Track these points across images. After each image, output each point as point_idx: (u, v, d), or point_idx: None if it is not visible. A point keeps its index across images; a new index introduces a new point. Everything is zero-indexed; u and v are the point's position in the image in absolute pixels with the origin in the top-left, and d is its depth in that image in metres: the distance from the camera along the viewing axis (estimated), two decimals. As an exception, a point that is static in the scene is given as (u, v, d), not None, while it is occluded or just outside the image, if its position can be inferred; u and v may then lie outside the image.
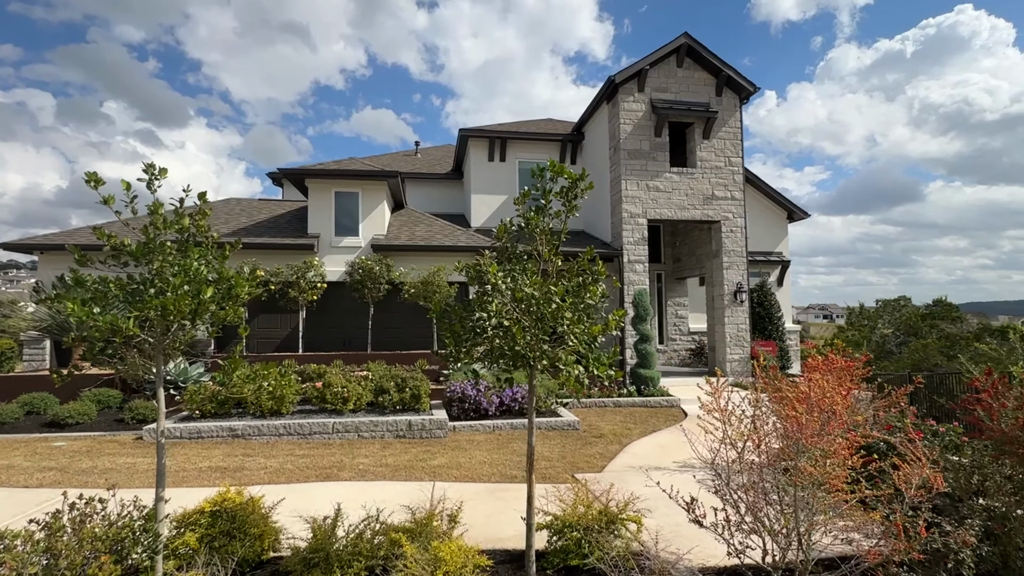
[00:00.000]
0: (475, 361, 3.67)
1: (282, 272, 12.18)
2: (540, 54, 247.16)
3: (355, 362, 11.81)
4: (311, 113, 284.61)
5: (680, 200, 14.26)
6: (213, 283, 3.59)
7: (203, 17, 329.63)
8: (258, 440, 8.02)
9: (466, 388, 9.34)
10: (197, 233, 3.75)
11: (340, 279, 13.00)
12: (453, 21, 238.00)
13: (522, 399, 9.48)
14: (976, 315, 26.43)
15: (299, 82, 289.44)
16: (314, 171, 13.36)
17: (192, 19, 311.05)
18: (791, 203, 17.34)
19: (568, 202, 3.65)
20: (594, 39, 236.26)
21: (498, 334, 3.44)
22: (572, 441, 8.45)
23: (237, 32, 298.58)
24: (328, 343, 13.11)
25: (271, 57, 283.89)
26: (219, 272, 3.63)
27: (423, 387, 9.25)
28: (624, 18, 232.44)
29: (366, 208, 13.60)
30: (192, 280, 3.40)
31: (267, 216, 15.00)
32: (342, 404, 9.02)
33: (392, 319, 13.36)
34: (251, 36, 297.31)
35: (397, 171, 13.34)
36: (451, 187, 19.64)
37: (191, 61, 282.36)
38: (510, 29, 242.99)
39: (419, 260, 13.25)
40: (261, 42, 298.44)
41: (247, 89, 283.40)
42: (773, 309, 14.79)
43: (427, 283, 12.26)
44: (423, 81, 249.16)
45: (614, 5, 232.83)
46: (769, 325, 14.51)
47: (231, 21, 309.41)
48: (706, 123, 14.49)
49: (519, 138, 17.10)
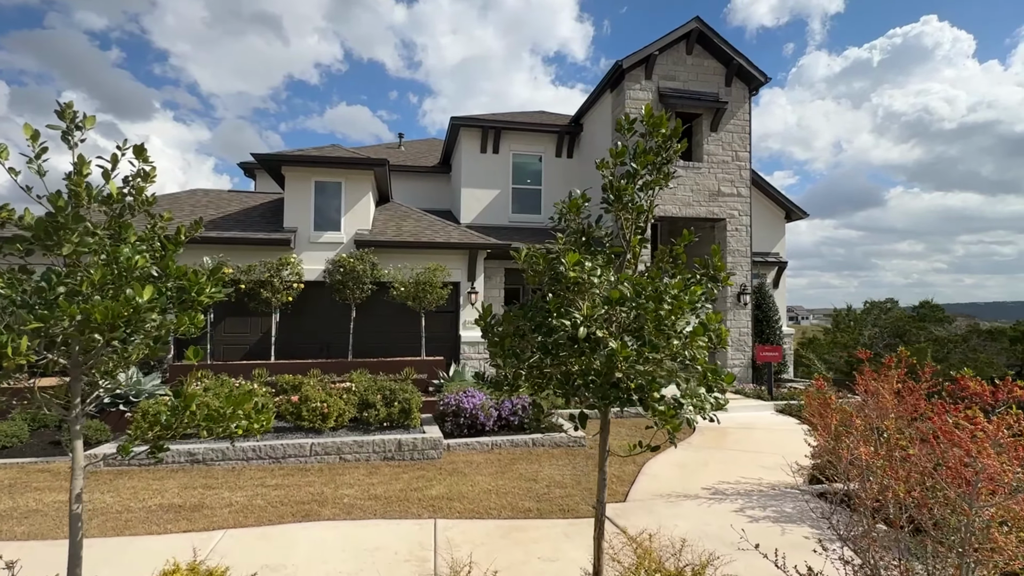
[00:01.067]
0: (540, 388, 2.72)
1: (254, 270, 11.01)
2: (519, 53, 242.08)
3: (335, 370, 10.71)
4: (284, 108, 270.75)
5: (685, 196, 13.50)
6: (157, 281, 2.57)
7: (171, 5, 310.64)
8: (222, 466, 6.91)
9: (462, 401, 8.36)
10: (136, 206, 2.70)
11: (319, 278, 11.87)
12: (431, 17, 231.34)
13: (523, 411, 8.54)
14: (964, 317, 26.48)
15: (271, 76, 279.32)
16: (292, 158, 12.20)
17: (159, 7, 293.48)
18: (790, 202, 16.76)
19: (658, 168, 2.73)
20: (573, 39, 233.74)
21: (583, 350, 2.50)
22: (581, 461, 7.55)
23: (206, 22, 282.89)
24: (304, 349, 11.97)
25: (242, 49, 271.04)
26: (166, 267, 2.59)
27: (414, 400, 8.24)
28: (604, 19, 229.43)
29: (349, 200, 12.49)
30: (122, 275, 2.36)
31: (238, 208, 13.76)
32: (321, 421, 7.95)
33: (376, 323, 12.28)
34: (221, 27, 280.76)
35: (385, 159, 12.27)
36: (438, 181, 18.60)
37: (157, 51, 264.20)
38: (489, 27, 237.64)
39: (407, 258, 12.20)
40: (232, 33, 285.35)
41: (216, 82, 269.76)
42: (771, 312, 14.16)
43: (419, 284, 11.23)
44: (400, 78, 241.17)
45: (594, 6, 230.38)
46: (767, 328, 13.86)
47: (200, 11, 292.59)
48: (715, 115, 13.75)
49: (514, 129, 16.14)
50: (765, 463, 7.39)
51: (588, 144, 15.87)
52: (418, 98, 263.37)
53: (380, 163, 12.26)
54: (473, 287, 12.52)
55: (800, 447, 7.90)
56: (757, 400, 11.45)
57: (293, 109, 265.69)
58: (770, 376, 11.83)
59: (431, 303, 11.31)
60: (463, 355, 12.04)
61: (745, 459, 7.61)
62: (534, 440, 8.21)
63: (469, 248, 12.40)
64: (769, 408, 11.00)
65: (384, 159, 12.26)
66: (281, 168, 12.31)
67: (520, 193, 16.35)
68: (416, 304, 11.32)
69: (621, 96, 13.61)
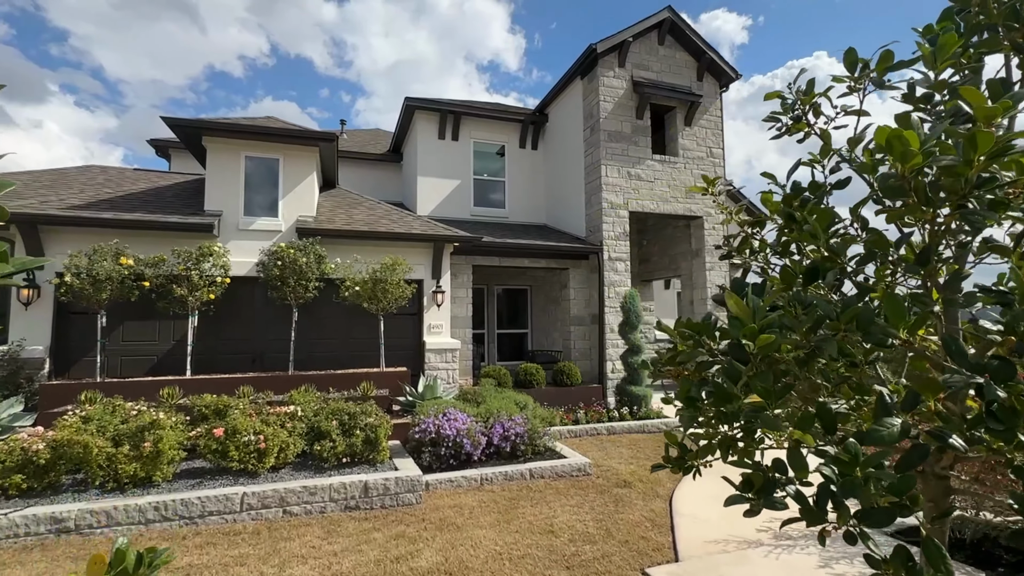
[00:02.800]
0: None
1: (164, 261, 8.77)
2: (454, 60, 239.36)
3: (272, 387, 8.71)
4: (204, 99, 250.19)
5: (662, 191, 12.54)
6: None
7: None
8: (105, 535, 4.88)
9: (442, 426, 6.72)
10: None
11: (251, 273, 9.75)
12: (363, 18, 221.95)
13: (516, 436, 7.03)
14: None
15: (190, 65, 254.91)
16: (217, 125, 9.98)
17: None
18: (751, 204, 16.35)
19: None
20: (507, 50, 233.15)
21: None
22: (596, 497, 6.16)
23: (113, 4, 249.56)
24: (232, 361, 9.79)
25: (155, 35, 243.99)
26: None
27: (382, 427, 6.51)
28: (535, 33, 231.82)
29: (289, 181, 10.43)
30: None
31: (146, 188, 11.28)
32: (256, 461, 6.06)
33: (324, 327, 10.31)
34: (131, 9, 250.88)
35: (334, 132, 10.33)
36: (388, 171, 16.70)
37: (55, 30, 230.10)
38: (422, 32, 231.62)
39: (361, 251, 10.33)
40: (144, 17, 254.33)
41: (126, 68, 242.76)
42: (752, 316, 13.49)
43: (375, 281, 9.42)
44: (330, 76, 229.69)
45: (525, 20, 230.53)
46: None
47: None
48: (689, 108, 12.93)
49: (475, 115, 14.60)
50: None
51: (555, 135, 14.63)
52: (351, 97, 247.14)
53: (327, 137, 10.32)
54: (439, 285, 10.86)
55: None
56: (751, 411, 10.56)
57: (214, 101, 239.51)
58: (763, 385, 11.00)
59: (390, 304, 9.54)
60: (428, 364, 10.34)
61: (783, 488, 6.49)
62: (531, 471, 6.73)
63: (434, 240, 10.72)
64: (767, 420, 10.11)
65: (333, 132, 10.32)
66: (202, 138, 10.07)
67: (483, 185, 14.83)
68: (373, 305, 9.51)
69: (594, 83, 12.47)
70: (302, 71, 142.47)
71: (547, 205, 14.96)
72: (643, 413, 9.73)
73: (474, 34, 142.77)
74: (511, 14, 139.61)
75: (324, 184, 12.80)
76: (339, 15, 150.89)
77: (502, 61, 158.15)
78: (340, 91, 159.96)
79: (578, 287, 12.53)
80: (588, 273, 12.58)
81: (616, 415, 9.63)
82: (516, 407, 7.57)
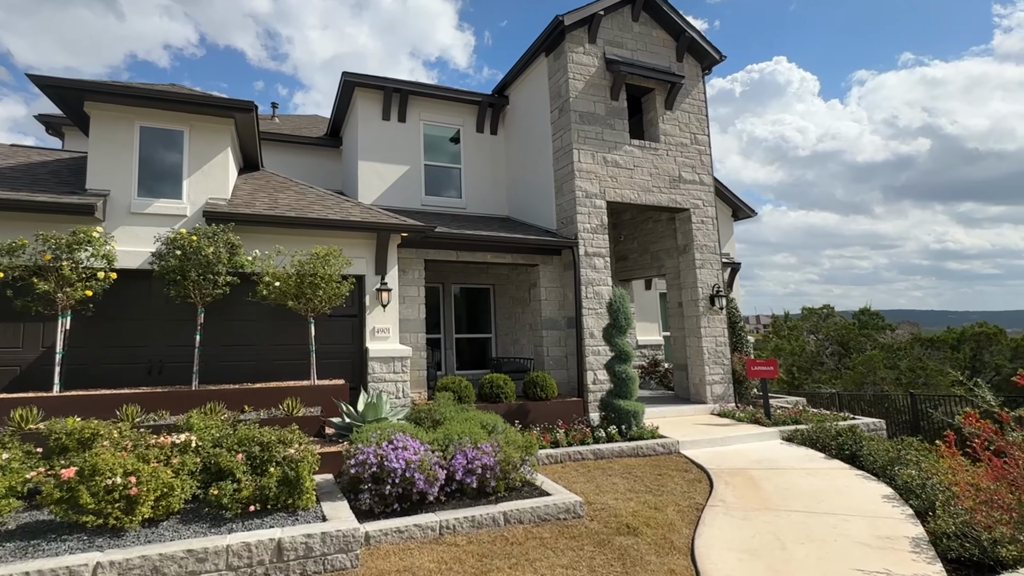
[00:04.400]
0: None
1: (25, 248, 6.72)
2: (397, 55, 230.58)
3: (168, 406, 6.80)
4: None
5: (643, 180, 11.33)
6: None
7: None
8: None
9: (387, 456, 5.06)
10: None
11: (145, 265, 7.77)
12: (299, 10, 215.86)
13: (484, 469, 5.45)
14: (909, 324, 27.85)
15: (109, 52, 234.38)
16: (103, 87, 7.96)
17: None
18: (737, 198, 15.53)
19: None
20: (455, 47, 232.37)
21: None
22: (594, 552, 4.67)
23: None
24: (122, 373, 7.76)
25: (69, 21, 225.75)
26: None
27: (305, 461, 4.80)
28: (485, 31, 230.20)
29: (197, 157, 8.51)
30: None
31: (17, 163, 9.08)
32: (124, 512, 4.24)
33: (241, 331, 8.41)
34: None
35: (252, 102, 8.50)
36: (325, 156, 14.84)
37: None
38: (364, 26, 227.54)
39: (286, 241, 8.52)
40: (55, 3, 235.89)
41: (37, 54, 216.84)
42: (735, 317, 12.48)
43: (303, 276, 7.65)
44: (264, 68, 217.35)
45: (474, 17, 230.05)
46: (733, 337, 12.11)
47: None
48: (669, 90, 11.83)
49: (425, 94, 13.01)
50: (857, 534, 5.05)
51: (518, 119, 13.24)
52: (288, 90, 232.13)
53: (243, 106, 8.48)
54: (384, 282, 9.16)
55: (868, 497, 6.11)
56: (755, 425, 9.36)
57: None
58: (765, 396, 9.82)
59: (323, 304, 7.79)
60: (372, 376, 8.60)
61: (823, 529, 5.21)
62: (506, 514, 5.16)
63: (378, 230, 9.03)
64: (774, 436, 8.92)
65: (250, 101, 8.47)
66: (84, 103, 8.04)
67: (435, 172, 13.23)
68: (301, 305, 7.73)
69: (562, 59, 11.19)
70: (233, 62, 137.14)
71: (510, 195, 13.51)
72: (635, 433, 8.32)
73: (420, 30, 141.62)
74: (459, 11, 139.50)
75: (245, 167, 10.89)
76: (273, 6, 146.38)
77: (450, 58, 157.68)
78: (276, 84, 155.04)
79: (550, 286, 11.09)
80: (561, 271, 11.18)
81: (603, 435, 8.18)
82: (483, 431, 5.99)
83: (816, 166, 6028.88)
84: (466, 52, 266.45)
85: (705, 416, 10.44)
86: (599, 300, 10.46)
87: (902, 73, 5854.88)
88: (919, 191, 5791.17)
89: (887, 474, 6.72)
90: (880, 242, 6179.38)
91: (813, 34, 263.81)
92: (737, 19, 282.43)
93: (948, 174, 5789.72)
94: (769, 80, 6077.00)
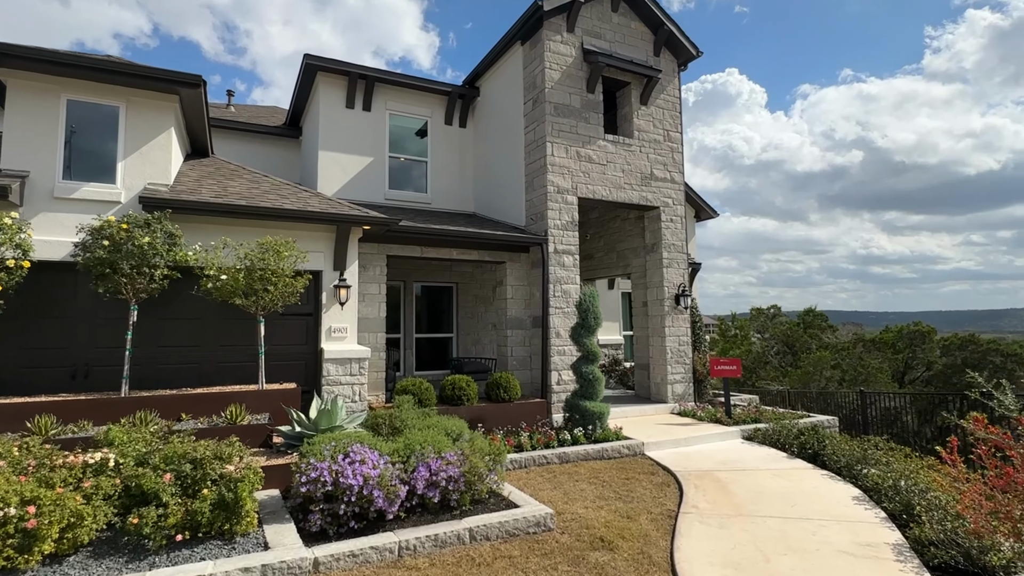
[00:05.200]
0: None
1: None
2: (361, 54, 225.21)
3: (93, 415, 6.07)
4: None
5: (615, 177, 11.07)
6: None
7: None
8: None
9: (343, 472, 4.56)
10: None
11: (69, 256, 6.95)
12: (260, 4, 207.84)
13: (448, 481, 5.02)
14: (853, 325, 28.69)
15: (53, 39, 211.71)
16: (20, 52, 7.05)
17: None
18: (701, 199, 15.52)
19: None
20: (419, 47, 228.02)
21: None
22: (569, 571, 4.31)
23: None
24: (40, 377, 6.92)
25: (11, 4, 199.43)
26: None
27: (246, 480, 4.25)
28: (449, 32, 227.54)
29: (135, 137, 7.71)
30: None
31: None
32: (18, 551, 3.61)
33: (183, 330, 7.68)
34: None
35: (199, 76, 7.74)
36: (284, 147, 14.04)
37: None
38: (327, 23, 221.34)
39: (235, 232, 7.82)
40: None
41: None
42: (696, 318, 12.38)
43: (252, 270, 7.00)
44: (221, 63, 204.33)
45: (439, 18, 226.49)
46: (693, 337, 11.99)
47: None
48: (645, 85, 11.60)
49: (392, 82, 12.41)
50: (838, 541, 4.87)
51: (488, 111, 12.79)
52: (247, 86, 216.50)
53: (189, 80, 7.72)
54: (343, 279, 8.57)
55: (838, 499, 6.00)
56: (716, 425, 9.25)
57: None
58: (727, 395, 9.74)
59: (275, 301, 7.16)
60: (327, 378, 8.02)
61: (802, 537, 5.01)
62: (472, 531, 4.74)
63: (337, 222, 8.43)
64: (735, 435, 8.84)
65: (198, 76, 7.73)
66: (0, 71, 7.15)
67: (400, 165, 12.66)
68: (250, 302, 7.08)
69: (539, 48, 10.80)
70: (188, 55, 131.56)
71: (477, 191, 13.05)
72: (600, 435, 8.03)
73: (384, 28, 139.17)
74: (424, 11, 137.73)
75: (194, 152, 10.07)
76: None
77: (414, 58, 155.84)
78: (234, 78, 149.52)
79: (516, 284, 10.70)
80: (529, 268, 10.80)
81: (567, 437, 7.86)
82: (447, 438, 5.55)
83: (759, 174, 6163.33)
84: (430, 53, 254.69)
85: (666, 416, 10.31)
86: (567, 299, 10.15)
87: (842, 88, 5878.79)
88: (850, 200, 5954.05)
89: (852, 474, 6.68)
90: (813, 247, 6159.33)
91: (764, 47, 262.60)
92: (694, 30, 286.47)
93: (876, 185, 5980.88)
94: (721, 91, 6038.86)
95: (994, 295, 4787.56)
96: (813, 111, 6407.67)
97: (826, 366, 16.33)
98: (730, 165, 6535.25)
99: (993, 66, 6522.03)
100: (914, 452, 7.53)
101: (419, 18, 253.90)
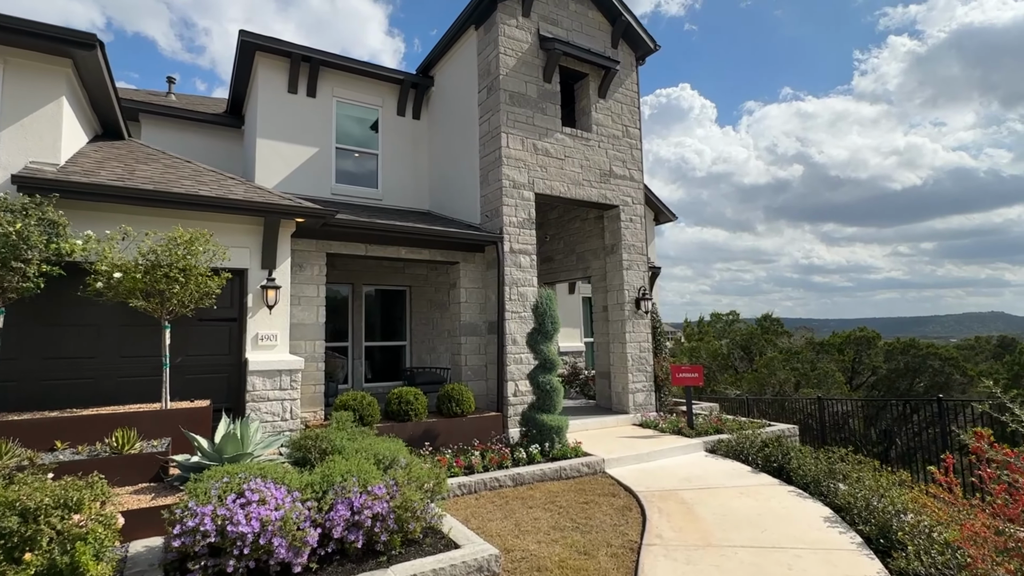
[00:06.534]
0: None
1: None
2: None
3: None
4: None
5: (574, 172, 10.45)
6: None
7: None
8: None
9: (234, 516, 3.67)
10: None
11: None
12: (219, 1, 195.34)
13: (374, 519, 4.20)
14: (805, 329, 29.20)
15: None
16: None
17: None
18: (660, 201, 15.12)
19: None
20: (384, 52, 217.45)
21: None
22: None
23: None
24: None
25: None
26: None
27: (91, 534, 3.31)
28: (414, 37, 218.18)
29: (14, 106, 6.56)
30: None
31: None
32: None
33: (73, 339, 6.57)
34: None
35: (94, 35, 6.64)
36: (225, 138, 12.86)
37: None
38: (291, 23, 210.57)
39: (144, 224, 6.76)
40: None
41: None
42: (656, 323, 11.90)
43: (157, 267, 5.99)
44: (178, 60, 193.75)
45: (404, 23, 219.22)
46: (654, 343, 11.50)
47: None
48: (603, 77, 11.06)
49: (339, 67, 11.46)
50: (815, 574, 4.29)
51: (443, 102, 12.00)
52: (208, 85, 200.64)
53: (83, 40, 6.62)
54: (271, 278, 7.61)
55: (810, 523, 5.53)
56: (679, 437, 8.72)
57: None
58: (689, 405, 9.22)
59: (186, 304, 6.17)
60: (251, 393, 7.03)
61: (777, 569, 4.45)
62: (400, 582, 3.93)
63: (265, 213, 7.47)
64: (698, 447, 8.32)
65: (92, 35, 6.62)
66: None
67: (349, 157, 11.71)
68: (153, 305, 6.06)
69: (493, 32, 10.09)
70: (144, 51, 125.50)
71: (433, 188, 12.22)
72: (558, 451, 7.35)
73: (349, 32, 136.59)
74: (389, 16, 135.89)
75: (105, 134, 8.90)
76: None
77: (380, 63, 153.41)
78: (193, 77, 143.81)
79: (471, 287, 9.93)
80: (484, 270, 10.05)
81: (523, 456, 7.14)
82: (378, 467, 4.73)
83: (711, 186, 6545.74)
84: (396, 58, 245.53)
85: (628, 427, 9.77)
86: (523, 302, 9.45)
87: (783, 105, 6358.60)
88: (793, 212, 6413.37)
89: (820, 490, 6.29)
90: (761, 257, 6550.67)
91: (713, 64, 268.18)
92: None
93: (815, 198, 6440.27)
94: (675, 105, 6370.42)
95: (919, 303, 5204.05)
96: (758, 127, 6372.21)
97: (780, 367, 16.43)
98: (683, 177, 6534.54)
99: (913, 88, 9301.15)
100: (884, 466, 7.14)
101: (384, 22, 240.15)
